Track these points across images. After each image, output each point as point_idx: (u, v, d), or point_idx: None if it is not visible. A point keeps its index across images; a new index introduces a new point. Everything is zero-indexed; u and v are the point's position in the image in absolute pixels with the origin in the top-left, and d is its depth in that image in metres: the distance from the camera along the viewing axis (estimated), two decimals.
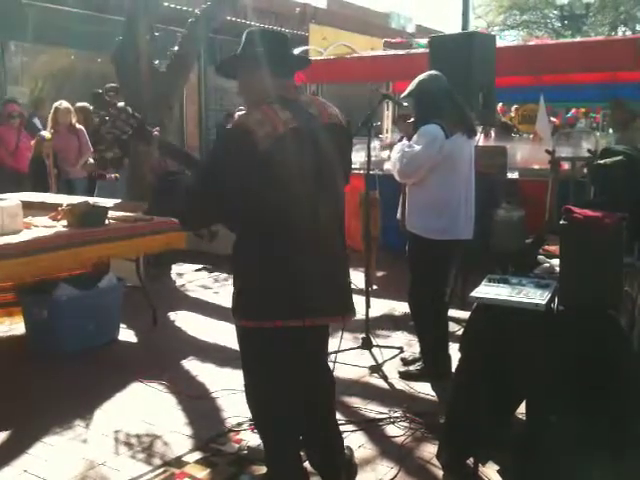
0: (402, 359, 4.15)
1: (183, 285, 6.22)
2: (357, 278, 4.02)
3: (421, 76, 3.77)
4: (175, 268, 6.66)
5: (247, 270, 2.33)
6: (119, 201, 5.69)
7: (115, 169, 6.90)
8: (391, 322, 4.92)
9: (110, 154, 6.78)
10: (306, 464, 2.63)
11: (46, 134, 7.00)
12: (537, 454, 2.51)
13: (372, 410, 3.44)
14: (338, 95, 10.68)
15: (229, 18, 9.19)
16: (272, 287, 2.27)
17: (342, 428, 2.90)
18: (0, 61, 9.15)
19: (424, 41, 8.09)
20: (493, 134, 8.34)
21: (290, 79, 2.41)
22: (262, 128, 2.18)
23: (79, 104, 7.73)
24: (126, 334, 4.71)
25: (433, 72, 3.86)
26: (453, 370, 3.52)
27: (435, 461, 2.88)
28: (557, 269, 2.72)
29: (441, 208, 3.68)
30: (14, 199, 4.55)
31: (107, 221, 4.54)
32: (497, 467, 2.84)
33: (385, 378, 3.91)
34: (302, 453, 2.61)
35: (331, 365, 2.70)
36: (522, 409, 2.83)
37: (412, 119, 3.82)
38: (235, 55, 2.40)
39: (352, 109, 7.13)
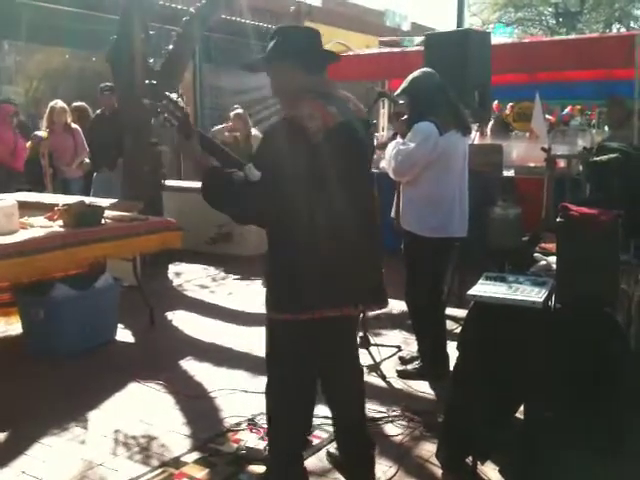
0: (400, 358, 4.15)
1: (180, 285, 6.22)
2: None
3: (414, 73, 3.77)
4: (172, 267, 6.65)
5: (282, 264, 2.30)
6: (115, 200, 5.68)
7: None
8: (389, 321, 4.92)
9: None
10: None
11: (43, 134, 6.98)
12: (536, 452, 2.52)
13: (370, 409, 3.42)
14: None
15: (224, 16, 9.17)
16: (308, 279, 2.25)
17: None
18: None
19: (417, 39, 8.11)
20: (489, 132, 8.35)
21: (324, 75, 2.41)
22: (313, 122, 2.19)
23: (75, 104, 7.71)
24: (123, 334, 4.70)
25: (426, 69, 3.86)
26: (451, 368, 3.54)
27: (434, 460, 2.89)
28: (554, 267, 2.72)
29: (435, 205, 3.68)
30: (10, 199, 4.54)
31: (103, 221, 4.53)
32: (496, 466, 2.84)
33: (383, 377, 3.91)
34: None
35: None
36: (521, 407, 2.84)
37: (405, 116, 3.82)
38: (268, 52, 2.37)
39: None
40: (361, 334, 4.28)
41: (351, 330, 2.57)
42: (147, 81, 2.44)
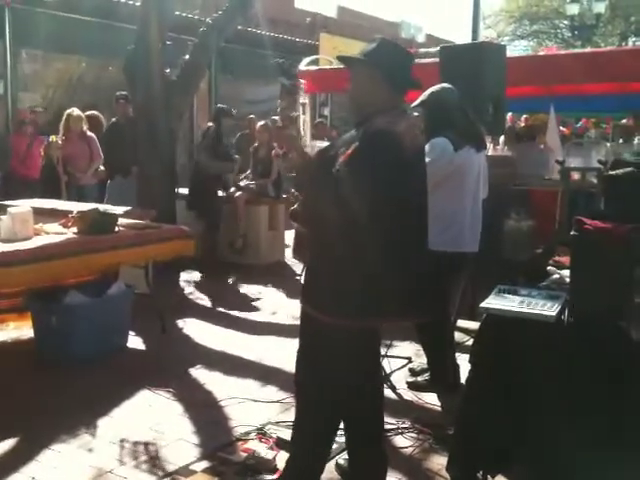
0: (410, 369, 4.13)
1: (191, 292, 6.23)
2: None
3: (434, 87, 3.77)
4: (183, 275, 6.67)
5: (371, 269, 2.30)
6: (129, 208, 5.71)
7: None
8: (399, 332, 4.88)
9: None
10: None
11: (51, 138, 7.07)
12: (548, 467, 2.49)
13: None
14: (347, 104, 10.68)
15: (239, 27, 9.23)
16: (378, 287, 2.29)
17: None
18: (12, 68, 9.24)
19: (433, 50, 8.11)
20: (501, 144, 8.32)
21: (402, 96, 2.52)
22: (410, 132, 2.35)
23: (88, 112, 7.80)
24: (134, 341, 4.72)
25: (446, 85, 3.85)
26: (462, 381, 3.51)
27: (444, 473, 2.86)
28: (567, 280, 2.70)
29: (447, 221, 3.66)
30: (25, 205, 4.58)
31: (117, 228, 4.56)
32: None
33: (393, 388, 3.89)
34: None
35: None
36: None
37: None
38: (370, 54, 2.42)
39: None
40: None
41: None
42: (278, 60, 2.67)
